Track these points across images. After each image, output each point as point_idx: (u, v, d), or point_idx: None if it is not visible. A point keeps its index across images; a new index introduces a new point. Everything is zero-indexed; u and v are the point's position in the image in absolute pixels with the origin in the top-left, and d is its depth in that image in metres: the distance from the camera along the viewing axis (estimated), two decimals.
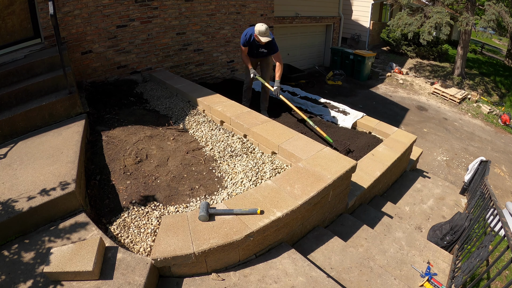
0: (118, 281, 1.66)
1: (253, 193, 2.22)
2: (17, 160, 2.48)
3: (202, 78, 6.11)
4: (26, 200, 2.00)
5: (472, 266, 2.24)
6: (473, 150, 7.70)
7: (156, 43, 5.14)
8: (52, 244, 1.89)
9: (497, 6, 9.49)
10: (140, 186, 2.47)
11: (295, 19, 10.07)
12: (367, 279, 2.15)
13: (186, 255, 1.78)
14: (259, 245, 2.06)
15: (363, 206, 3.22)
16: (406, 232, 2.89)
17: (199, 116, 3.84)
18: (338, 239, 2.45)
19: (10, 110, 2.96)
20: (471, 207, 3.49)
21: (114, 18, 4.53)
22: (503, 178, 6.66)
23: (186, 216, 2.03)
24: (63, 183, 2.12)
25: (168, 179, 2.60)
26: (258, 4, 6.53)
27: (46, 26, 3.84)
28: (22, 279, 1.67)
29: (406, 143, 3.86)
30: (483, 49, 18.94)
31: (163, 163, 2.79)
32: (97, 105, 3.84)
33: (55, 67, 3.43)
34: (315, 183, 2.32)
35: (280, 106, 5.04)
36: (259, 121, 3.32)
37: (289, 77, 9.08)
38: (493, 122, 9.50)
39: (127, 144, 2.97)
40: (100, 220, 2.20)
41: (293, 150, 2.77)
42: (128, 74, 4.99)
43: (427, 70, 12.84)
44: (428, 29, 9.96)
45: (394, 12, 14.60)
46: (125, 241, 2.02)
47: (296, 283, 1.90)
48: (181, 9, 5.28)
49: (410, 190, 3.90)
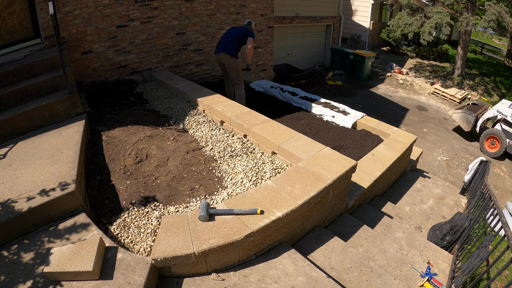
0: (118, 281, 1.66)
1: (253, 193, 2.22)
2: (17, 160, 2.48)
3: (202, 78, 6.11)
4: (26, 200, 2.00)
5: (472, 266, 2.24)
6: (473, 150, 7.70)
7: (156, 43, 5.15)
8: (52, 244, 1.89)
9: (497, 6, 9.49)
10: (140, 186, 2.47)
11: (295, 19, 10.08)
12: (367, 279, 2.15)
13: (186, 255, 1.78)
14: (259, 245, 2.06)
15: (363, 206, 3.22)
16: (406, 232, 2.89)
17: (199, 116, 3.84)
18: (338, 239, 2.45)
19: (10, 110, 2.96)
20: (471, 207, 3.49)
21: (114, 18, 4.53)
22: (503, 178, 6.66)
23: (186, 216, 2.03)
24: (63, 183, 2.12)
25: (168, 179, 2.60)
26: (258, 4, 6.53)
27: (46, 26, 3.84)
28: (22, 279, 1.67)
29: (406, 143, 3.86)
30: (483, 49, 18.94)
31: (163, 163, 2.79)
32: (97, 105, 3.84)
33: (55, 67, 3.44)
34: (315, 183, 2.32)
35: (281, 106, 5.04)
36: (259, 121, 3.32)
37: (289, 77, 9.08)
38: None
39: (127, 144, 2.97)
40: (100, 220, 2.19)
41: (293, 150, 2.77)
42: (128, 74, 4.99)
43: (427, 70, 12.84)
44: (428, 29, 9.96)
45: (394, 12, 14.60)
46: (125, 241, 2.02)
47: (296, 283, 1.90)
48: (181, 9, 5.28)
49: (410, 190, 3.90)
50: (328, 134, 4.19)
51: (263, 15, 6.75)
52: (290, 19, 9.94)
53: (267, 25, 6.97)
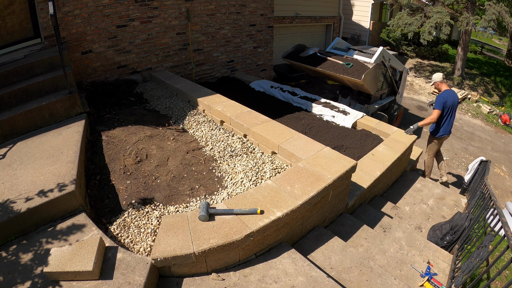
0: (118, 281, 1.66)
1: (253, 193, 2.22)
2: (17, 160, 2.48)
3: (202, 78, 6.11)
4: (26, 200, 2.00)
5: (472, 266, 2.24)
6: (473, 150, 7.70)
7: (156, 43, 5.15)
8: (52, 244, 1.89)
9: (497, 6, 9.49)
10: (140, 186, 2.47)
11: (295, 19, 10.07)
12: (367, 279, 2.15)
13: (186, 255, 1.78)
14: (259, 245, 2.06)
15: (363, 206, 3.22)
16: (406, 232, 2.89)
17: (199, 116, 3.84)
18: (338, 239, 2.45)
19: (10, 110, 2.96)
20: (471, 207, 3.49)
21: (114, 18, 4.53)
22: (503, 178, 6.66)
23: (186, 216, 2.03)
24: (63, 183, 2.12)
25: (168, 179, 2.60)
26: (258, 4, 6.53)
27: (46, 26, 3.84)
28: (21, 279, 1.67)
29: (406, 143, 3.86)
30: (483, 49, 18.92)
31: (163, 163, 2.79)
32: (97, 105, 3.84)
33: (55, 67, 3.43)
34: (315, 183, 2.32)
35: (281, 106, 5.04)
36: (259, 121, 3.32)
37: (289, 77, 9.08)
38: (493, 122, 9.50)
39: (127, 144, 2.97)
40: (100, 220, 2.19)
41: (293, 150, 2.77)
42: (128, 74, 4.99)
43: (427, 70, 12.83)
44: (428, 29, 9.95)
45: (394, 12, 14.59)
46: (125, 241, 2.02)
47: (296, 283, 1.90)
48: (181, 9, 5.28)
49: (410, 190, 3.90)
50: (328, 134, 4.19)
51: (263, 15, 6.74)
52: (290, 19, 9.94)
53: (267, 25, 6.96)
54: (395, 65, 6.31)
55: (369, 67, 5.21)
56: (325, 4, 11.09)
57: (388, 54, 5.96)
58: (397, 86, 6.82)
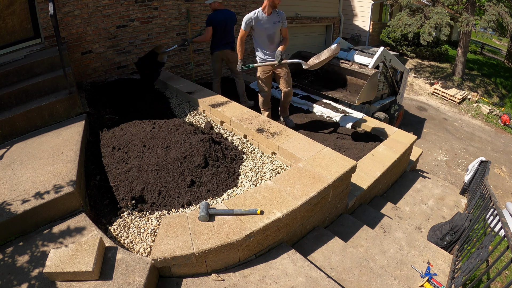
0: (118, 281, 1.66)
1: (253, 193, 2.22)
2: (17, 160, 2.48)
3: (202, 79, 6.11)
4: (26, 200, 2.00)
5: (472, 267, 2.24)
6: (473, 150, 7.71)
7: (156, 43, 5.14)
8: (52, 244, 1.89)
9: (497, 7, 9.50)
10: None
11: (295, 19, 10.07)
12: (367, 279, 2.15)
13: (186, 255, 1.78)
14: (259, 245, 2.06)
15: (363, 206, 3.22)
16: (406, 233, 2.89)
17: (199, 116, 3.84)
18: (338, 240, 2.45)
19: (10, 110, 2.96)
20: (471, 207, 3.49)
21: (114, 18, 4.53)
22: (503, 178, 6.66)
23: (186, 216, 2.03)
24: (63, 184, 2.12)
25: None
26: (258, 4, 6.53)
27: (46, 26, 3.84)
28: (21, 279, 1.67)
29: (406, 143, 3.86)
30: (483, 49, 18.93)
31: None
32: (97, 105, 3.83)
33: (55, 67, 3.43)
34: (315, 184, 2.32)
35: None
36: (259, 121, 3.32)
37: None
38: (493, 123, 9.51)
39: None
40: (100, 220, 2.19)
41: (293, 151, 2.77)
42: (128, 74, 4.99)
43: (427, 71, 12.84)
44: (428, 29, 9.96)
45: (394, 12, 14.59)
46: (125, 241, 2.02)
47: (296, 283, 1.90)
48: (181, 9, 5.28)
49: (410, 191, 3.90)
50: (328, 134, 4.19)
51: None
52: (290, 19, 9.93)
53: None
54: (396, 66, 6.30)
55: (366, 80, 4.71)
56: (325, 4, 11.09)
57: (389, 54, 5.94)
58: (398, 87, 6.82)
